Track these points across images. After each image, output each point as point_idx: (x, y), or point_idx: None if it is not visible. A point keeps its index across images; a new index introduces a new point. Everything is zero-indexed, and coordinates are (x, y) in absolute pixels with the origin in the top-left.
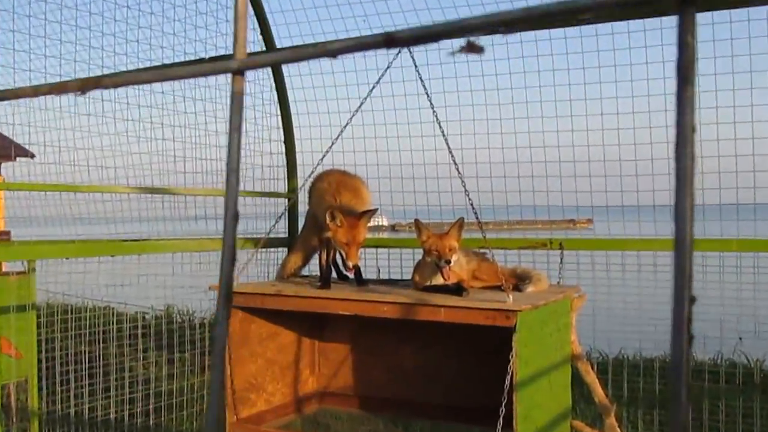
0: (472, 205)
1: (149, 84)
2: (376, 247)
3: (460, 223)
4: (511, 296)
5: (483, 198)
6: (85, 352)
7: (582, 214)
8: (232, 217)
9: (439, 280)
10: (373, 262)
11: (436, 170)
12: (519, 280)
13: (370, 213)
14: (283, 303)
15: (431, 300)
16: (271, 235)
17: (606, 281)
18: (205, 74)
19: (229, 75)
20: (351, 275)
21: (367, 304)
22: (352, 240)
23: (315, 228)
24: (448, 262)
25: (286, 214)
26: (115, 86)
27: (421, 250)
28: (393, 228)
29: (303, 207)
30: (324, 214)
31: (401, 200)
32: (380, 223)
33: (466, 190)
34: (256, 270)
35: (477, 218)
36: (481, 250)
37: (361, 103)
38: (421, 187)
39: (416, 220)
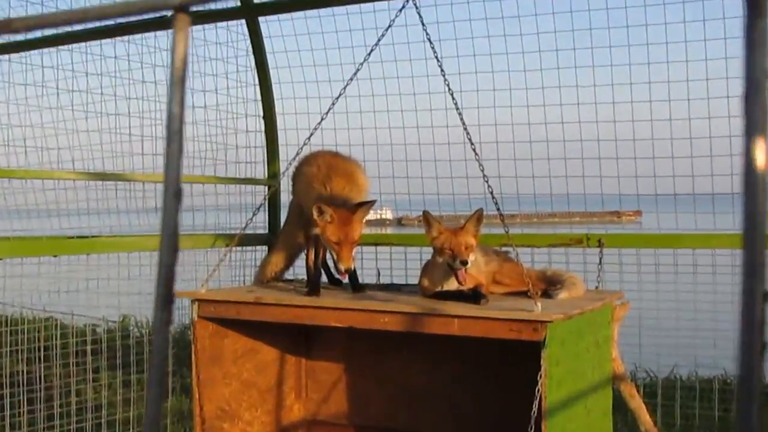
0: (492, 193)
1: (90, 43)
2: (376, 244)
3: (478, 216)
4: (539, 304)
5: (506, 185)
6: (22, 372)
7: (627, 204)
8: (172, 195)
9: (452, 285)
10: (372, 263)
11: (449, 151)
12: (549, 285)
13: (368, 205)
14: (262, 313)
15: (443, 309)
16: (248, 231)
17: (654, 285)
18: (140, 11)
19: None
20: (344, 279)
21: (365, 314)
22: (345, 238)
23: (300, 222)
24: (465, 263)
25: (266, 205)
26: (27, 28)
27: (430, 249)
28: (399, 222)
29: (286, 196)
30: (311, 205)
31: (407, 188)
32: (383, 217)
33: (484, 176)
34: (230, 273)
35: (498, 210)
36: (504, 249)
37: (357, 70)
38: (430, 172)
39: (425, 213)
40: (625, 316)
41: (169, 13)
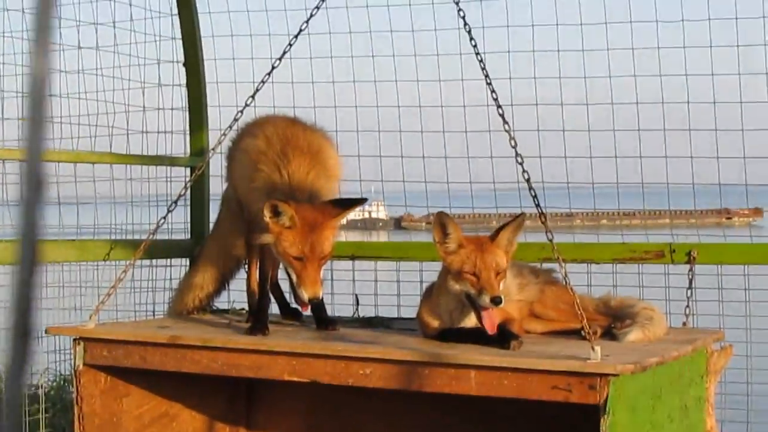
0: (529, 182)
1: None
2: (353, 258)
3: (518, 223)
4: (598, 349)
5: (552, 171)
6: None
7: (741, 200)
8: (34, 185)
9: (470, 322)
10: (347, 287)
11: (464, 119)
12: (614, 320)
13: (351, 206)
14: (181, 360)
15: (453, 356)
16: (161, 236)
17: None
18: None
19: None
20: (306, 311)
21: (336, 362)
22: (311, 252)
23: (239, 223)
24: (498, 301)
25: (188, 196)
26: None
27: (435, 265)
28: (398, 224)
29: (218, 184)
30: (257, 201)
31: (402, 174)
32: (375, 216)
33: (518, 154)
34: (133, 299)
35: (537, 205)
36: (545, 266)
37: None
38: (436, 149)
39: (440, 214)
40: (725, 366)
41: None
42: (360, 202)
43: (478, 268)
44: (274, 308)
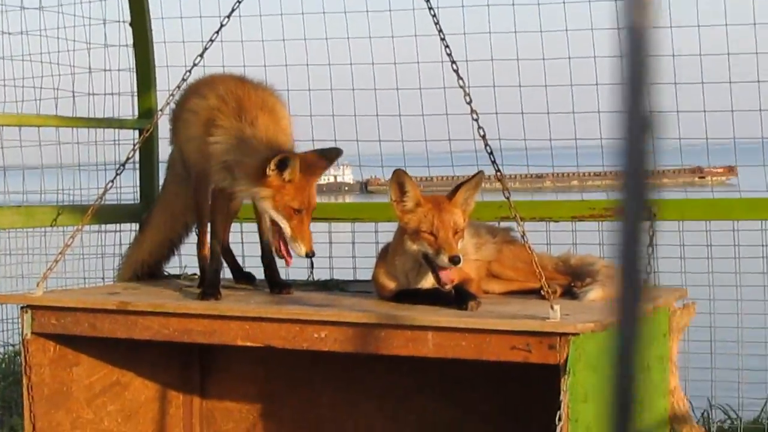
0: (485, 139)
1: None
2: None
3: (476, 182)
4: (557, 308)
5: (509, 127)
6: None
7: (717, 158)
8: None
9: (427, 283)
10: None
11: (443, 75)
12: (574, 279)
13: (334, 156)
14: (132, 326)
15: (410, 317)
16: (109, 201)
17: (734, 278)
18: None
19: None
20: (290, 266)
21: (290, 326)
22: (308, 206)
23: (185, 187)
24: (456, 260)
25: (137, 158)
26: None
27: (393, 225)
28: (365, 188)
29: (167, 146)
30: (219, 158)
31: (378, 134)
32: (341, 179)
33: (473, 111)
34: (82, 265)
35: (494, 164)
36: (502, 225)
37: None
38: (412, 107)
39: (398, 171)
40: (687, 325)
41: None
42: (338, 152)
43: (435, 227)
44: (226, 273)
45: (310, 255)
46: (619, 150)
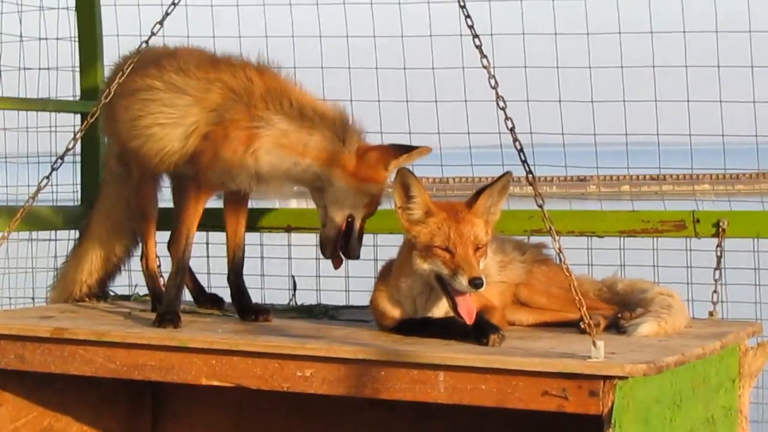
0: (512, 131)
1: None
2: (289, 230)
3: (502, 185)
4: (601, 344)
5: (544, 118)
6: None
7: None
8: None
9: (438, 311)
10: (281, 265)
11: (462, 51)
12: (622, 309)
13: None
14: (69, 358)
15: (417, 353)
16: (42, 203)
17: None
18: None
19: None
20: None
21: (267, 362)
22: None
23: (126, 187)
24: (478, 283)
25: (78, 149)
26: None
27: (397, 239)
28: None
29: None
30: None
31: (374, 128)
32: None
33: (499, 98)
34: (8, 281)
35: (525, 164)
36: (533, 240)
37: None
38: (420, 92)
39: (401, 171)
40: (762, 369)
41: None
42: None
43: (452, 241)
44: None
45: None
46: None
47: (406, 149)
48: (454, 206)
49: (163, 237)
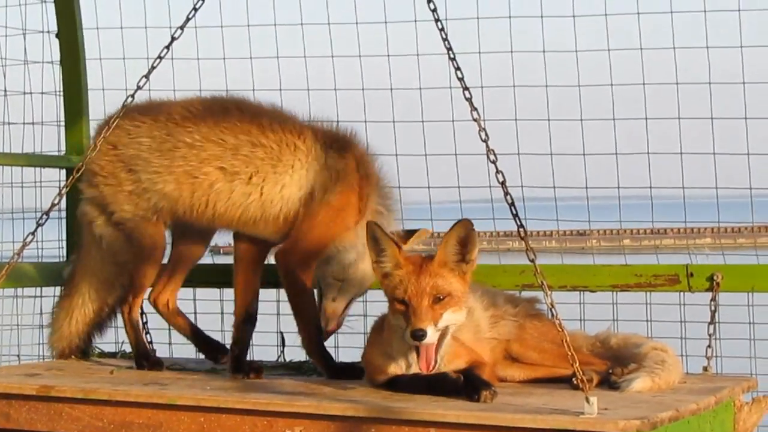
0: (504, 185)
1: None
2: (277, 285)
3: (461, 235)
4: (594, 400)
5: (534, 173)
6: None
7: None
8: None
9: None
10: (270, 321)
11: (420, 111)
12: (615, 364)
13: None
14: (56, 417)
15: (407, 410)
16: (27, 259)
17: None
18: None
19: None
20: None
21: (257, 419)
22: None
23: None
24: (418, 335)
25: (64, 204)
26: None
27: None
28: None
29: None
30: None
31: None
32: None
33: (490, 151)
34: (0, 339)
35: (516, 217)
36: (524, 295)
37: None
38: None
39: (370, 224)
40: (757, 425)
41: None
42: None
43: (408, 293)
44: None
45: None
46: None
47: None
48: (421, 258)
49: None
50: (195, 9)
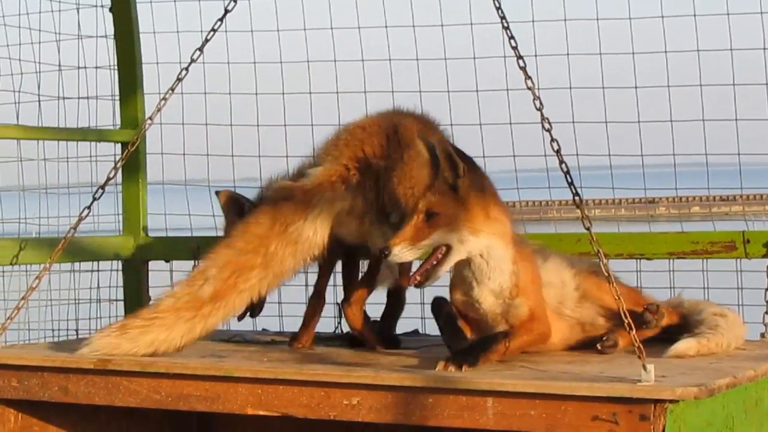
0: (559, 154)
1: None
2: None
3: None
4: (651, 368)
5: (587, 143)
6: None
7: None
8: None
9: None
10: (329, 293)
11: (474, 83)
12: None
13: None
14: (114, 390)
15: (465, 379)
16: (83, 233)
17: None
18: None
19: None
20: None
21: (314, 390)
22: None
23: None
24: (384, 252)
25: (120, 178)
26: None
27: None
28: None
29: (156, 163)
30: None
31: None
32: None
33: (545, 119)
34: (50, 313)
35: (572, 186)
36: (581, 258)
37: None
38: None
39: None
40: None
41: None
42: None
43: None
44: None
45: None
46: None
47: None
48: None
49: None
50: None
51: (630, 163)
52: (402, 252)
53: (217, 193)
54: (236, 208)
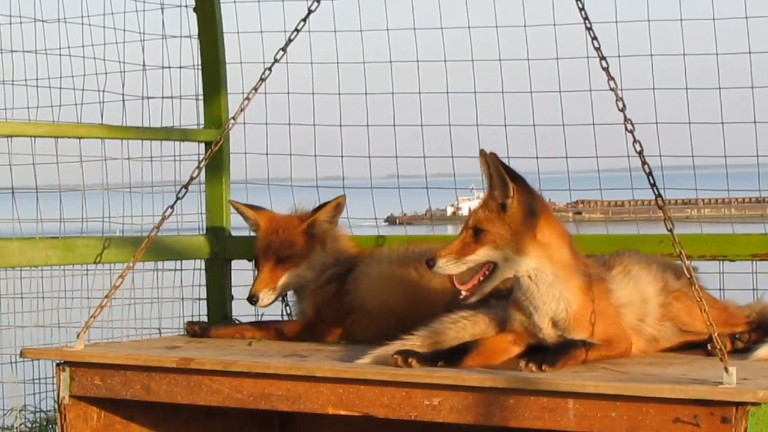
0: (642, 155)
1: None
2: None
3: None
4: (733, 371)
5: (670, 144)
6: None
7: None
8: None
9: (547, 330)
10: None
11: (558, 84)
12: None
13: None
14: (196, 389)
15: (546, 381)
16: (166, 232)
17: None
18: None
19: None
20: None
21: (395, 390)
22: None
23: None
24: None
25: (203, 178)
26: None
27: None
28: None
29: (240, 162)
30: None
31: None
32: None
33: (627, 121)
34: (134, 312)
35: (654, 187)
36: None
37: None
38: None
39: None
40: None
41: None
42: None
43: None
44: None
45: None
46: None
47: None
48: None
49: None
50: None
51: (712, 163)
52: (447, 265)
53: None
54: None
